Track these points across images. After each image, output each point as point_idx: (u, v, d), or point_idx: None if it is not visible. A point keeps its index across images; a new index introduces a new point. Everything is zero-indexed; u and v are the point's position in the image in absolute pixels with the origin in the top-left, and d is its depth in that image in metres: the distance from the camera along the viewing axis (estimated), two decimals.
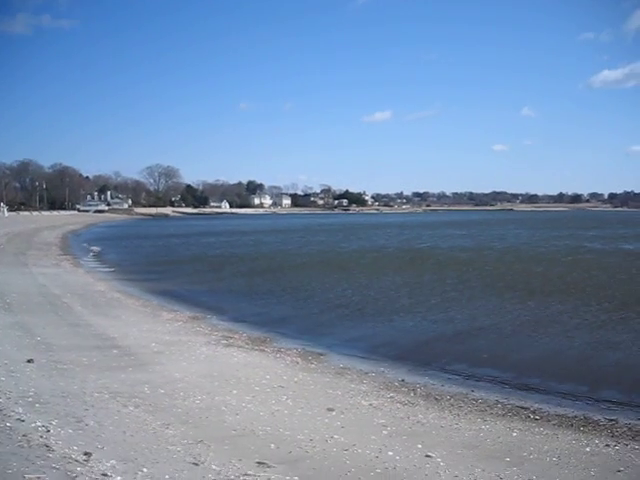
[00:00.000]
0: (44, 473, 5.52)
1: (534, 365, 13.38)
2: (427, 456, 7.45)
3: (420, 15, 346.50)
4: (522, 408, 10.39)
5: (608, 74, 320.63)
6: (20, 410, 7.69)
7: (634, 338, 15.45)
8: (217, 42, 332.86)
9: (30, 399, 8.34)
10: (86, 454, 6.30)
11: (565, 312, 19.10)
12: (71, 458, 6.12)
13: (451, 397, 10.94)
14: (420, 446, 7.86)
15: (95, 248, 49.41)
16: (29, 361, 10.72)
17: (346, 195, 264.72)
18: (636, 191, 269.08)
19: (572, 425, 9.52)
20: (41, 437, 6.69)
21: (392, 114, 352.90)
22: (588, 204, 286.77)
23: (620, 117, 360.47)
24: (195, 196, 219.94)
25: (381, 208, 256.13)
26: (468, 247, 47.40)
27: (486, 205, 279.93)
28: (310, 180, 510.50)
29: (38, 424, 7.17)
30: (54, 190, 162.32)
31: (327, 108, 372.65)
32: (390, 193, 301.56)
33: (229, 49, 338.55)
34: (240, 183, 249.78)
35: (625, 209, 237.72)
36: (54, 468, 5.72)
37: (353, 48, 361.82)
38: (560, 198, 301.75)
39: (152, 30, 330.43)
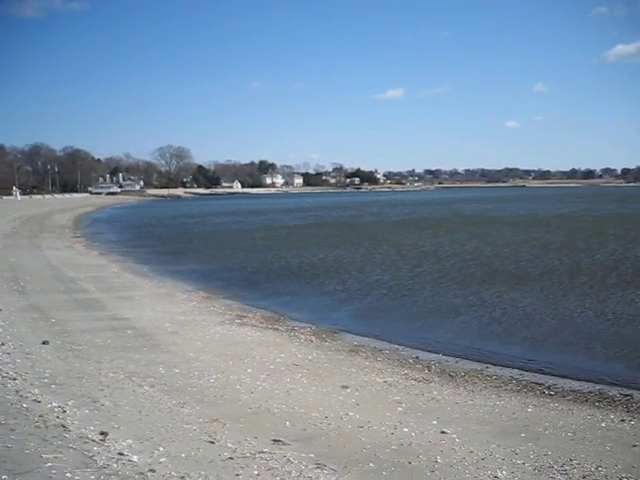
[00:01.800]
0: (61, 453, 5.56)
1: (549, 341, 13.33)
2: (442, 432, 7.44)
3: None
4: (537, 384, 10.36)
5: (622, 48, 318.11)
6: (36, 391, 7.75)
7: None
8: (228, 22, 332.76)
9: (46, 380, 8.41)
10: (102, 434, 6.35)
11: (579, 289, 19.03)
12: (87, 438, 6.17)
13: (465, 373, 10.92)
14: (435, 422, 7.85)
15: (108, 229, 49.58)
16: (44, 343, 10.79)
17: (358, 173, 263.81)
18: None
19: (587, 400, 9.49)
20: (57, 418, 6.75)
21: (404, 91, 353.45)
22: (601, 180, 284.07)
23: (634, 91, 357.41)
24: (207, 177, 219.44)
25: (393, 186, 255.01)
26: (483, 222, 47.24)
27: (498, 182, 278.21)
28: (322, 159, 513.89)
29: (54, 405, 7.23)
30: (66, 173, 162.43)
31: (338, 86, 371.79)
32: (402, 171, 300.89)
33: (240, 29, 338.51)
34: (252, 163, 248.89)
35: (638, 184, 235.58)
36: (71, 448, 5.76)
37: (365, 29, 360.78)
38: (573, 174, 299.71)
39: (163, 11, 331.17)
